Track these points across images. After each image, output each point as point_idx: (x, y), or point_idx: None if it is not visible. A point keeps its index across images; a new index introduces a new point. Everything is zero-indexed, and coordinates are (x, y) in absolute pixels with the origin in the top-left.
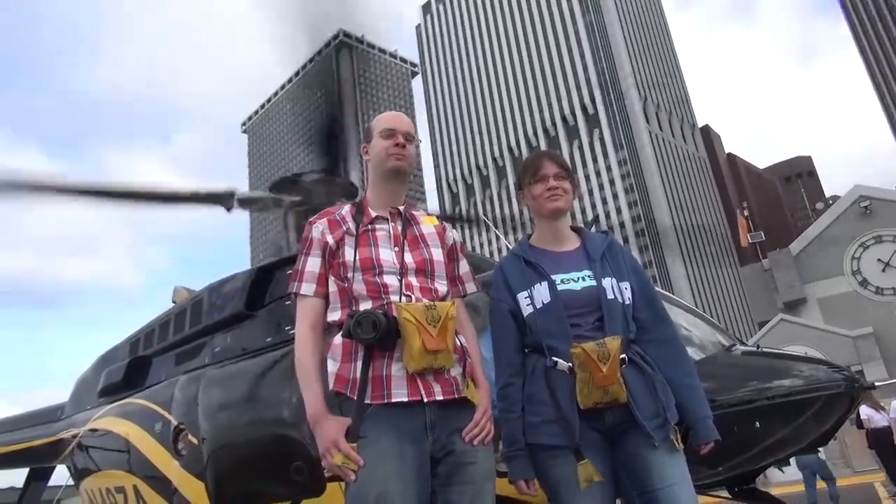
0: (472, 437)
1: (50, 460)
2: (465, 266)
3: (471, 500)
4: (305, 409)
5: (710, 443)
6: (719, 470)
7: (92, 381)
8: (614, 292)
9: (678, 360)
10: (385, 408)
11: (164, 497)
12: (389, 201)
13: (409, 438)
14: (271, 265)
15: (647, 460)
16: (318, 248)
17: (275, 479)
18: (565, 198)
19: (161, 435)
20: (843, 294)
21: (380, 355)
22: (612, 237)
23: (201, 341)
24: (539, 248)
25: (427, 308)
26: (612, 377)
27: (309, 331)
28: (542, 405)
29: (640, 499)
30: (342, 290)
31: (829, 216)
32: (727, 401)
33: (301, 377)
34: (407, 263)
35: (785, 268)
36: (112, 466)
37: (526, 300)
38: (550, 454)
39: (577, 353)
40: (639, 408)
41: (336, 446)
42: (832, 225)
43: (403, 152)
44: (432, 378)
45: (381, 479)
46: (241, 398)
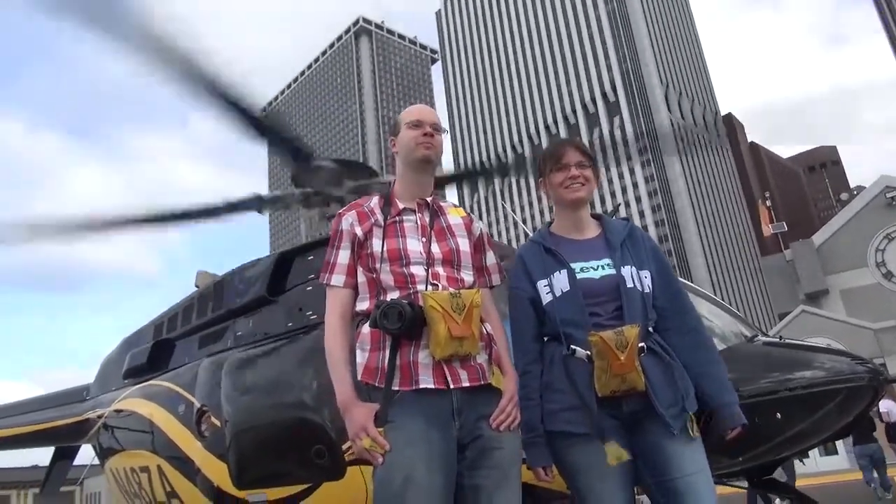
0: (499, 423)
1: (75, 440)
2: (492, 257)
3: (497, 484)
4: (327, 394)
5: (738, 428)
6: (739, 460)
7: (117, 363)
8: (633, 281)
9: (700, 349)
10: (412, 394)
11: (188, 477)
12: (417, 192)
13: (435, 424)
14: (292, 251)
15: (666, 449)
16: (347, 239)
17: (296, 461)
18: (587, 187)
19: (184, 416)
20: (866, 286)
21: (407, 343)
22: (633, 224)
23: (224, 325)
24: (559, 235)
25: (452, 296)
26: (630, 365)
27: (338, 321)
28: (560, 393)
29: (657, 488)
30: (370, 280)
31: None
32: (748, 391)
33: (331, 366)
34: (434, 254)
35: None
36: (136, 447)
37: (545, 288)
38: (569, 441)
39: (594, 342)
40: (657, 396)
41: (364, 431)
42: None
43: (432, 141)
44: (458, 365)
45: (408, 462)
46: (263, 382)
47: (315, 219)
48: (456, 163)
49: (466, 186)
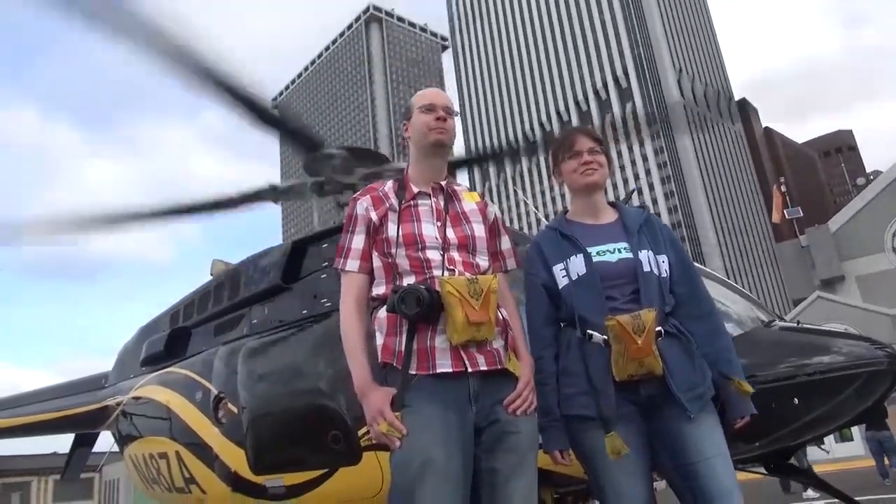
0: (515, 407)
1: (95, 426)
2: (507, 242)
3: (513, 468)
4: (343, 381)
5: (746, 418)
6: (756, 445)
7: (134, 351)
8: (650, 265)
9: (715, 335)
10: (429, 379)
11: (206, 463)
12: (431, 176)
13: (452, 408)
14: (307, 239)
15: (683, 433)
16: (362, 224)
17: (312, 447)
18: (600, 171)
19: (202, 403)
20: (882, 272)
21: (424, 328)
22: (649, 212)
23: (239, 313)
24: (575, 221)
25: (469, 281)
26: (647, 349)
27: (354, 306)
28: (576, 377)
29: (676, 471)
30: (386, 265)
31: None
32: (765, 376)
33: (347, 351)
34: (449, 238)
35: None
36: (155, 433)
37: (562, 272)
38: (585, 425)
39: (611, 326)
40: (674, 380)
41: (381, 415)
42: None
43: (444, 125)
44: (475, 350)
45: (425, 446)
46: (279, 368)
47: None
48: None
49: (478, 171)
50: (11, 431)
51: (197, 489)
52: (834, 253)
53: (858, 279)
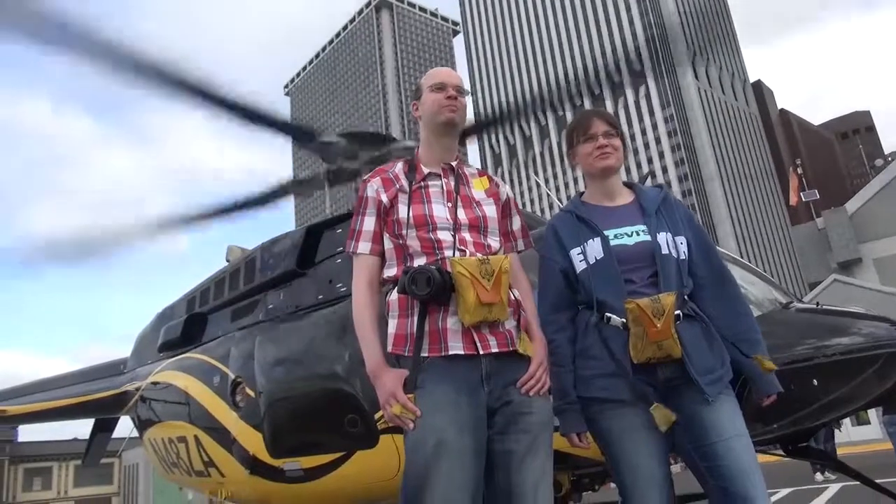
0: (528, 388)
1: (114, 411)
2: (518, 222)
3: (527, 448)
4: (359, 364)
5: (773, 395)
6: (774, 427)
7: (151, 336)
8: (669, 247)
9: (738, 316)
10: (441, 360)
11: (224, 447)
12: (442, 157)
13: (465, 389)
14: (321, 224)
15: (702, 416)
16: (372, 206)
17: (329, 430)
18: (615, 155)
19: (219, 388)
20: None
21: (435, 310)
22: (668, 191)
23: (255, 298)
24: (591, 204)
25: (481, 262)
26: (667, 332)
27: (366, 288)
28: (595, 360)
29: (696, 452)
30: (397, 247)
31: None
32: (783, 358)
33: (360, 333)
34: (460, 219)
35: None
36: (173, 418)
37: (579, 256)
38: (602, 407)
39: (631, 309)
40: (693, 363)
41: (394, 397)
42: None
43: (455, 104)
44: (487, 331)
45: (439, 427)
46: (296, 353)
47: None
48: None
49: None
50: (32, 417)
51: (216, 472)
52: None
53: (876, 262)
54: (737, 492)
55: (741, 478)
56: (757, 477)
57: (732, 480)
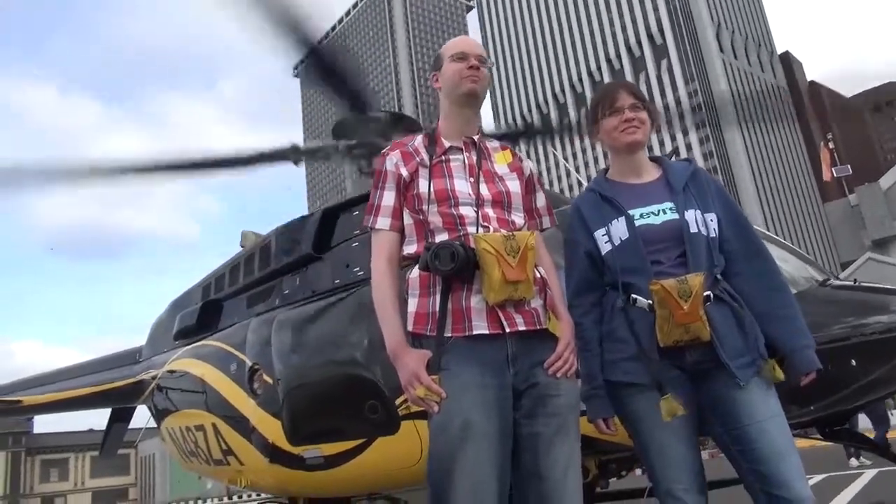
0: (556, 369)
1: (131, 401)
2: (543, 199)
3: (555, 431)
4: (379, 349)
5: (812, 373)
6: (811, 409)
7: (167, 324)
8: (698, 225)
9: (773, 293)
10: (465, 340)
11: (243, 435)
12: (463, 130)
13: (490, 371)
14: (337, 207)
15: (734, 400)
16: (392, 180)
17: (349, 417)
18: (642, 129)
19: (236, 375)
20: None
21: (458, 288)
22: (697, 166)
23: (271, 284)
24: (616, 181)
25: (506, 238)
26: (694, 315)
27: (386, 265)
28: (621, 342)
29: (728, 436)
30: (418, 222)
31: None
32: (820, 337)
33: (379, 311)
34: (483, 195)
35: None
36: (191, 406)
37: (603, 237)
38: (629, 391)
39: (656, 290)
40: (723, 346)
41: (417, 379)
42: None
43: (478, 74)
44: (513, 309)
45: (465, 409)
46: (314, 339)
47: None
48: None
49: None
50: (48, 407)
51: (235, 461)
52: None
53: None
54: (771, 474)
55: (775, 460)
56: (793, 459)
57: (766, 463)
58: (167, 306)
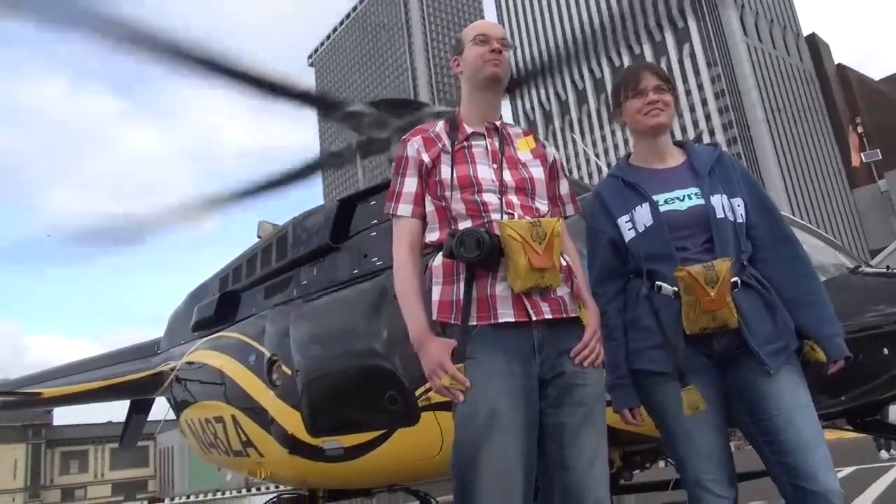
0: (582, 358)
1: (150, 392)
2: (566, 186)
3: (582, 421)
4: (398, 340)
5: (840, 361)
6: (840, 399)
7: (184, 316)
8: (724, 210)
9: (801, 279)
10: (491, 329)
11: (262, 426)
12: (485, 115)
13: (517, 359)
14: (354, 196)
15: (762, 388)
16: (413, 166)
17: (369, 408)
18: (667, 112)
19: (255, 367)
20: None
21: (483, 275)
22: (722, 150)
23: (288, 275)
24: (639, 167)
25: (532, 225)
26: (721, 301)
27: (408, 252)
28: (645, 331)
29: (755, 427)
30: (440, 209)
31: None
32: (852, 325)
33: (402, 300)
34: (506, 181)
35: None
36: (210, 398)
37: (627, 224)
38: (655, 379)
39: (681, 277)
40: (752, 333)
41: (442, 368)
42: None
43: (500, 58)
44: (539, 297)
45: (491, 398)
46: (332, 329)
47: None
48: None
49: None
50: (68, 399)
51: (255, 452)
52: None
53: None
54: (798, 466)
55: (802, 451)
56: (821, 450)
57: (793, 454)
58: (185, 298)
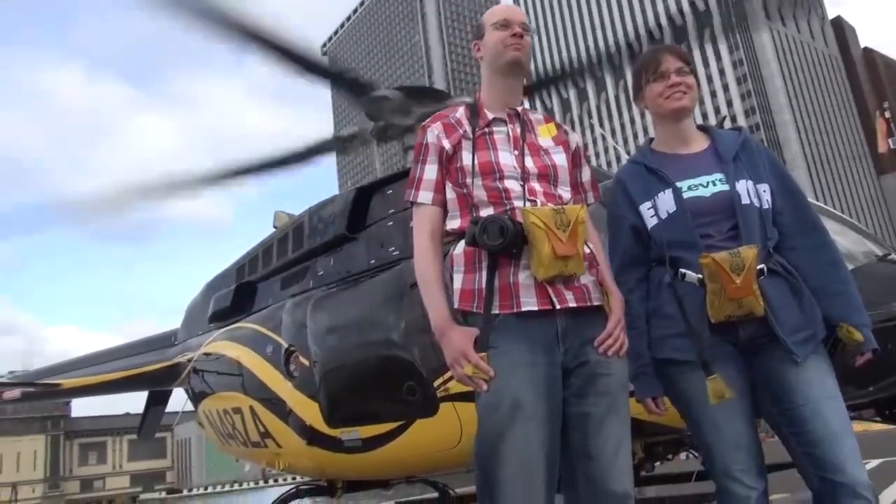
0: (606, 347)
1: (168, 383)
2: (588, 173)
3: (606, 411)
4: (416, 330)
5: (867, 354)
6: (869, 390)
7: (201, 307)
8: (750, 196)
9: (829, 267)
10: (514, 318)
11: (280, 417)
12: (506, 100)
13: (540, 348)
14: (370, 186)
15: (789, 378)
16: (434, 153)
17: (387, 399)
18: (689, 95)
19: (272, 357)
20: None
21: (506, 263)
22: (747, 134)
23: (305, 265)
24: (662, 152)
25: (555, 212)
26: (748, 289)
27: (428, 240)
28: (669, 319)
29: (781, 417)
30: (461, 196)
31: None
32: (880, 315)
33: (423, 288)
34: (528, 168)
35: None
36: (227, 389)
37: (649, 211)
38: (679, 369)
39: (706, 264)
40: (779, 321)
41: (465, 357)
42: None
43: (521, 42)
44: (562, 285)
45: (514, 387)
46: (350, 320)
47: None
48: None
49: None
50: (87, 390)
51: (273, 443)
52: None
53: None
54: (826, 458)
55: (830, 443)
56: (849, 442)
57: (821, 446)
58: (201, 289)
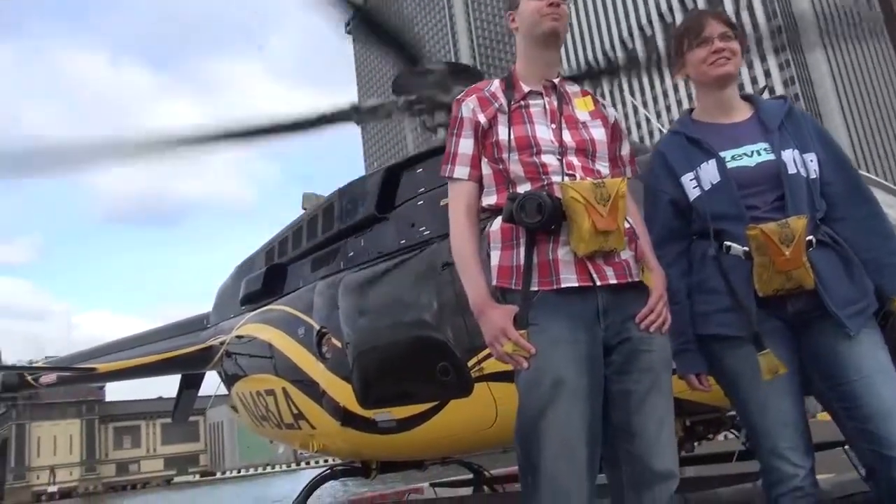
0: (649, 323)
1: (201, 367)
2: (627, 147)
3: (648, 388)
4: (449, 310)
5: None
6: None
7: (232, 290)
8: (797, 166)
9: (881, 238)
10: (553, 294)
11: (314, 399)
12: (543, 73)
13: (581, 325)
14: (400, 165)
15: (841, 352)
16: (469, 127)
17: (421, 379)
18: (734, 61)
19: (305, 339)
20: None
21: (545, 239)
22: (792, 103)
23: (335, 246)
24: (703, 122)
25: (595, 186)
26: (797, 261)
27: (465, 216)
28: (714, 293)
29: (832, 393)
30: (497, 172)
31: None
32: None
33: (460, 265)
34: (566, 142)
35: None
36: (260, 371)
37: (692, 182)
38: (724, 344)
39: (754, 235)
40: (830, 295)
41: (505, 334)
42: None
43: (558, 11)
44: (602, 261)
45: (556, 364)
46: (382, 300)
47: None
48: None
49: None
50: (122, 374)
51: (306, 425)
52: None
53: None
54: (878, 433)
55: (883, 417)
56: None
57: (873, 421)
58: (232, 272)
